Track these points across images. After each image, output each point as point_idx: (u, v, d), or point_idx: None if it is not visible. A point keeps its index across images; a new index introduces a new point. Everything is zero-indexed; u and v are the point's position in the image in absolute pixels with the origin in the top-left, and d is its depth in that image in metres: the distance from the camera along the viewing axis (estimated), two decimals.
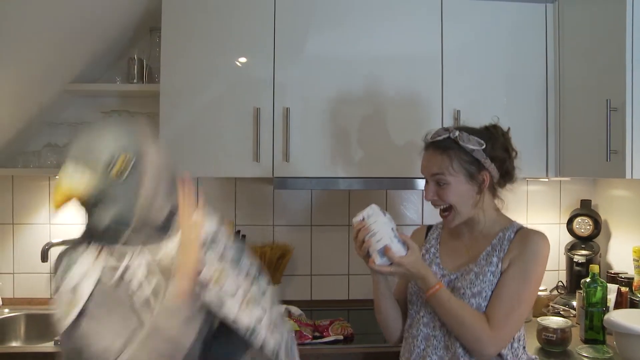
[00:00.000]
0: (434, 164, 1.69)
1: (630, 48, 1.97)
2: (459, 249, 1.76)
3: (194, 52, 2.34)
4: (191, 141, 2.35)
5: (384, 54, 2.38)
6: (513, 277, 1.60)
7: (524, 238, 1.66)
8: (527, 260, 1.61)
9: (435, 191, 1.69)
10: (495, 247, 1.67)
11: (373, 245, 1.56)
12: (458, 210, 1.68)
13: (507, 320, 1.57)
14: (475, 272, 1.65)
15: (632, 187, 2.62)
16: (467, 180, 1.67)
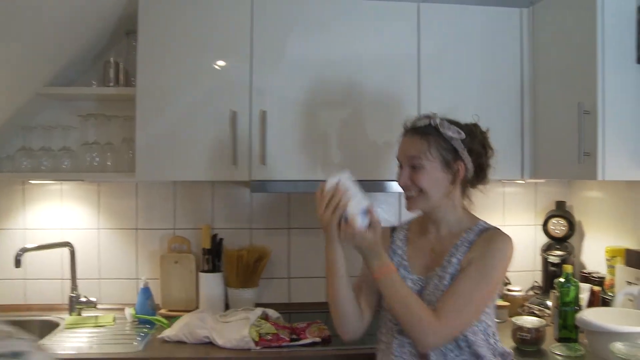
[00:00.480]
0: (412, 147, 1.70)
1: (601, 52, 2.00)
2: (425, 249, 1.76)
3: (170, 55, 2.33)
4: (168, 144, 2.34)
5: (361, 58, 2.39)
6: (469, 275, 1.60)
7: (487, 240, 1.66)
8: (487, 261, 1.61)
9: (409, 175, 1.70)
10: (458, 248, 1.68)
11: (354, 207, 1.56)
12: (429, 196, 1.68)
13: (454, 316, 1.57)
14: (440, 277, 1.66)
15: (605, 188, 2.66)
16: (443, 167, 1.69)
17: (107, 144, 2.61)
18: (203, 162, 2.33)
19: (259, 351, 2.12)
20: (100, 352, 2.11)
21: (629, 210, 2.48)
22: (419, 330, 1.56)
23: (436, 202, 1.70)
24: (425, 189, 1.67)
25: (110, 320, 2.47)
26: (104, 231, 2.75)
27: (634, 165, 2.03)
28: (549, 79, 2.39)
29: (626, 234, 2.48)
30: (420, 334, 1.56)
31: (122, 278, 2.75)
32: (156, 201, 2.77)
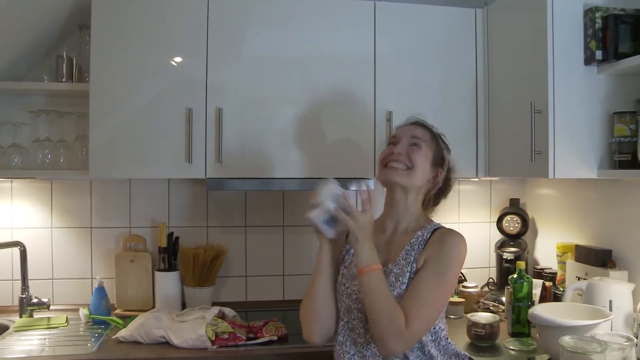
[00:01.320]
0: (417, 131, 1.80)
1: (551, 53, 2.04)
2: (379, 245, 1.76)
3: (125, 50, 2.29)
4: (123, 142, 2.30)
5: (318, 55, 2.39)
6: (427, 277, 1.62)
7: (441, 238, 1.69)
8: (442, 260, 1.64)
9: (406, 150, 1.76)
10: (413, 246, 1.70)
11: None
12: (415, 174, 1.74)
13: (419, 319, 1.57)
14: (395, 274, 1.67)
15: (556, 186, 2.73)
16: (432, 162, 1.79)
17: (59, 141, 2.54)
18: (158, 160, 2.30)
19: (215, 350, 2.10)
20: (53, 355, 2.05)
21: (578, 207, 2.55)
22: (390, 335, 1.55)
23: (414, 185, 1.76)
24: (416, 165, 1.74)
25: (63, 322, 2.41)
26: (57, 230, 2.68)
27: (583, 163, 2.08)
28: (502, 78, 2.43)
29: (576, 230, 2.54)
30: (389, 339, 1.55)
31: (76, 278, 2.69)
32: (111, 199, 2.72)
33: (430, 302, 1.59)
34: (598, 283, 2.04)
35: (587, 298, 2.06)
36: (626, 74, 2.05)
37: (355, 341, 1.70)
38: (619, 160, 2.01)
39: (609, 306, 1.97)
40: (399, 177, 1.74)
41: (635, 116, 1.97)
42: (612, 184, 2.30)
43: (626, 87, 2.08)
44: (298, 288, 2.74)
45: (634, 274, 2.18)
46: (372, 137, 2.42)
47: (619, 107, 2.05)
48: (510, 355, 2.08)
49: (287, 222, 2.82)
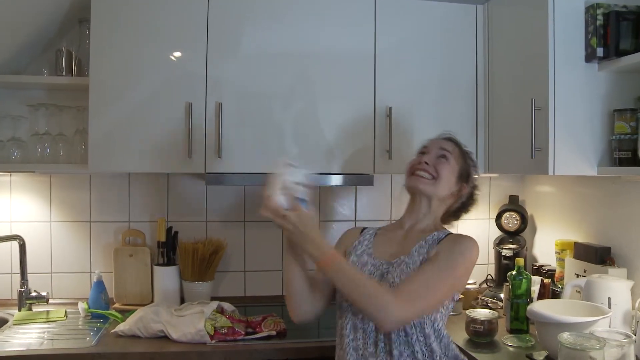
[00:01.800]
0: (448, 145, 1.88)
1: (552, 50, 2.04)
2: (394, 240, 1.83)
3: (124, 45, 2.28)
4: (122, 136, 2.30)
5: (318, 50, 2.39)
6: (434, 264, 1.65)
7: (455, 238, 1.74)
8: (453, 255, 1.68)
9: (434, 161, 1.83)
10: (428, 242, 1.74)
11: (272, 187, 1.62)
12: (439, 185, 1.81)
13: (413, 295, 1.59)
14: (407, 263, 1.70)
15: (555, 183, 2.73)
16: (458, 175, 1.85)
17: (59, 134, 2.54)
18: (158, 154, 2.29)
19: (214, 345, 2.11)
20: (52, 348, 2.06)
21: (578, 204, 2.55)
22: (378, 308, 1.55)
23: (440, 194, 1.82)
24: (442, 176, 1.81)
25: (62, 315, 2.41)
26: (56, 224, 2.68)
27: (583, 160, 2.08)
28: (502, 75, 2.43)
29: (575, 227, 2.55)
30: (380, 312, 1.55)
31: (75, 272, 2.69)
32: (110, 193, 2.72)
33: (427, 284, 1.61)
34: (597, 280, 2.04)
35: (585, 295, 2.06)
36: (627, 71, 2.04)
37: (356, 326, 1.72)
38: (619, 157, 2.00)
39: (608, 303, 1.97)
40: (423, 185, 1.81)
41: (635, 114, 1.97)
42: (612, 182, 2.30)
43: (627, 85, 2.07)
44: None
45: (632, 271, 2.18)
46: (371, 132, 2.42)
47: (619, 105, 2.05)
48: (509, 351, 2.08)
49: None
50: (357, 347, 1.69)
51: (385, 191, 2.90)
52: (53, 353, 2.01)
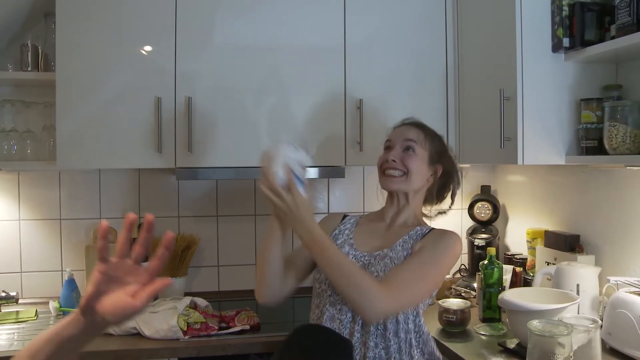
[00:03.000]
0: (411, 133, 1.85)
1: (520, 40, 2.05)
2: (376, 232, 1.83)
3: (91, 39, 2.25)
4: (91, 132, 2.27)
5: (289, 43, 2.38)
6: (419, 257, 1.67)
7: (440, 233, 1.76)
8: (439, 249, 1.70)
9: (400, 156, 1.81)
10: (412, 237, 1.75)
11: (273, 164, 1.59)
12: (411, 179, 1.80)
13: (399, 288, 1.59)
14: (390, 257, 1.70)
15: (525, 172, 2.76)
16: (428, 161, 1.84)
17: (26, 131, 2.50)
18: (127, 150, 2.27)
19: (187, 341, 2.09)
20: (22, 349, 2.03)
21: (548, 193, 2.58)
22: (363, 297, 1.54)
23: (414, 187, 1.82)
24: (412, 171, 1.80)
25: (33, 315, 2.38)
26: (25, 222, 2.64)
27: (552, 150, 2.10)
28: (472, 66, 2.44)
29: (546, 216, 2.58)
30: (365, 301, 1.54)
31: (45, 270, 2.65)
32: (80, 190, 2.68)
33: (413, 277, 1.63)
34: (566, 268, 2.07)
35: (555, 282, 2.09)
36: (592, 61, 2.07)
37: (333, 317, 1.71)
38: (585, 146, 2.03)
39: (577, 290, 2.01)
40: (397, 184, 1.81)
41: (601, 103, 1.99)
42: (580, 170, 2.34)
43: (593, 74, 2.10)
44: None
45: (600, 258, 2.22)
46: (342, 125, 2.42)
47: (585, 94, 2.07)
48: (481, 340, 2.10)
49: (259, 211, 2.82)
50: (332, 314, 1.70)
51: (357, 183, 2.91)
52: None
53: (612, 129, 1.87)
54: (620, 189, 2.16)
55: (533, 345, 1.57)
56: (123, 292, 0.99)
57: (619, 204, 2.16)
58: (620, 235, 2.16)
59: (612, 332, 1.84)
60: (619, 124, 1.86)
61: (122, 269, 1.01)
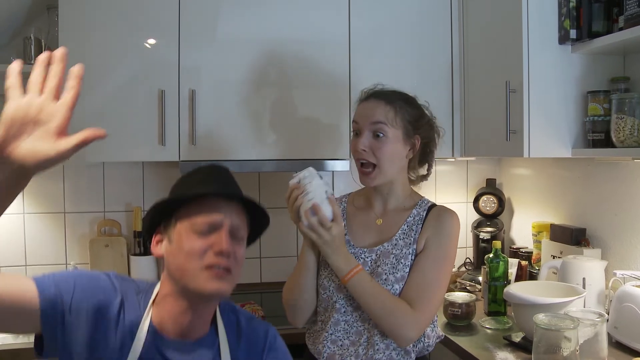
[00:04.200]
0: (377, 112, 1.62)
1: (526, 32, 2.04)
2: (369, 224, 1.72)
3: (94, 32, 2.24)
4: (94, 125, 2.16)
5: (293, 36, 2.37)
6: (431, 259, 1.61)
7: (438, 217, 1.66)
8: (443, 241, 1.63)
9: (370, 144, 1.62)
10: (411, 227, 1.66)
11: (304, 204, 1.54)
12: (384, 170, 1.63)
13: (429, 303, 1.57)
14: (396, 255, 1.63)
15: (531, 165, 2.74)
16: (404, 138, 1.64)
17: None
18: (131, 143, 2.27)
19: None
20: (27, 342, 2.04)
21: (553, 186, 2.57)
22: (398, 325, 1.53)
23: (391, 176, 1.66)
24: (383, 161, 1.62)
25: None
26: (29, 216, 2.64)
27: (558, 142, 2.09)
28: (478, 58, 2.43)
29: (551, 209, 2.57)
30: (401, 328, 1.53)
31: (50, 264, 2.65)
32: (84, 184, 2.68)
33: (435, 283, 1.59)
34: (572, 261, 2.06)
35: (561, 276, 2.08)
36: (600, 53, 2.06)
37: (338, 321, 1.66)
38: (592, 139, 2.02)
39: (583, 284, 2.00)
40: (373, 181, 1.65)
41: (608, 95, 1.98)
42: (586, 163, 2.32)
43: (600, 66, 2.09)
44: (275, 270, 2.74)
45: (606, 252, 2.21)
46: (347, 118, 2.40)
47: (592, 86, 2.06)
48: (487, 333, 2.10)
49: (263, 204, 2.80)
50: (335, 340, 1.64)
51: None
52: (29, 347, 1.98)
53: (620, 121, 1.86)
54: (627, 182, 2.14)
55: (539, 338, 1.56)
56: (42, 133, 0.87)
57: (626, 197, 2.15)
58: (627, 228, 2.15)
59: (619, 326, 1.83)
60: (626, 116, 1.84)
61: (34, 107, 0.87)
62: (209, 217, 1.23)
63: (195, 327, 1.27)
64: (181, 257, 1.22)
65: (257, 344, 1.35)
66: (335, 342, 1.64)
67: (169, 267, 1.25)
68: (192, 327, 1.27)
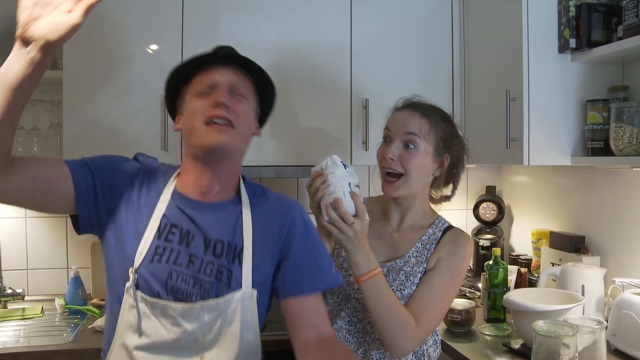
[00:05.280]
0: (412, 123, 1.60)
1: (526, 41, 2.06)
2: (384, 236, 1.70)
3: (98, 37, 2.26)
4: (97, 130, 2.27)
5: (294, 42, 2.38)
6: (440, 277, 1.59)
7: (454, 240, 1.64)
8: (455, 264, 1.61)
9: (399, 153, 1.60)
10: (425, 246, 1.64)
11: (325, 196, 1.48)
12: (410, 182, 1.60)
13: (432, 320, 1.57)
14: (406, 273, 1.61)
15: (531, 173, 2.76)
16: (434, 154, 1.61)
17: (33, 129, 2.51)
18: (133, 148, 2.25)
19: None
20: (28, 345, 2.04)
21: (553, 194, 2.58)
22: (399, 336, 1.51)
23: (417, 190, 1.63)
24: (411, 173, 1.59)
25: (39, 312, 2.39)
26: (31, 220, 2.65)
27: (558, 150, 2.10)
28: (478, 66, 2.45)
29: (551, 217, 2.58)
30: (400, 339, 1.52)
31: (51, 268, 2.66)
32: None
33: (439, 302, 1.59)
34: (571, 269, 2.07)
35: (560, 283, 2.09)
36: (599, 62, 2.07)
37: (341, 328, 1.66)
38: (591, 147, 2.03)
39: (582, 291, 2.01)
40: (396, 191, 1.62)
41: (607, 104, 1.99)
42: (586, 171, 2.34)
43: (599, 75, 2.10)
44: None
45: (605, 260, 2.22)
46: (348, 125, 2.42)
47: (592, 95, 2.08)
48: (486, 340, 2.10)
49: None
50: None
51: (362, 183, 2.89)
52: (29, 350, 1.99)
53: (619, 130, 1.87)
54: (626, 190, 2.15)
55: (538, 345, 1.57)
56: (57, 12, 1.03)
57: (625, 205, 2.16)
58: (626, 236, 2.16)
59: (617, 334, 1.84)
60: (625, 125, 1.86)
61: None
62: (207, 77, 1.38)
63: (214, 189, 1.38)
64: (188, 120, 1.36)
65: (280, 216, 1.42)
66: None
67: (184, 135, 1.39)
68: (212, 188, 1.38)
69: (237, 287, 1.33)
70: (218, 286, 1.33)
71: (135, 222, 1.34)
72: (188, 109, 1.36)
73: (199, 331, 1.31)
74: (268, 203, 1.45)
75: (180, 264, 1.33)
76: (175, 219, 1.35)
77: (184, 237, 1.35)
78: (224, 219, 1.38)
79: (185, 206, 1.37)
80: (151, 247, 1.32)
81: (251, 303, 1.35)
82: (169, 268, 1.32)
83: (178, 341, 1.31)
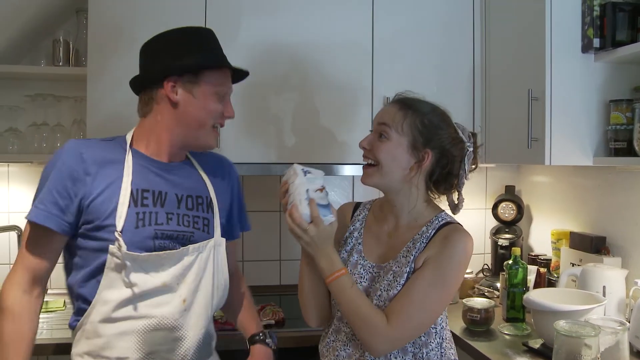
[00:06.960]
0: (387, 114, 1.60)
1: (549, 40, 2.05)
2: (381, 237, 1.67)
3: (121, 35, 2.27)
4: (120, 126, 2.26)
5: (315, 41, 2.39)
6: (424, 278, 1.51)
7: (445, 238, 1.55)
8: (443, 264, 1.51)
9: (371, 141, 1.60)
10: (415, 243, 1.57)
11: (288, 205, 1.53)
12: (383, 172, 1.56)
13: (407, 323, 1.49)
14: (394, 273, 1.56)
15: (551, 173, 2.74)
16: (409, 148, 1.56)
17: (56, 125, 2.54)
18: None
19: None
20: (51, 338, 2.08)
21: (574, 194, 2.56)
22: (369, 336, 1.49)
23: (392, 183, 1.58)
24: (382, 162, 1.55)
25: (61, 305, 2.43)
26: None
27: (579, 151, 2.09)
28: (499, 65, 2.44)
29: (571, 217, 2.56)
30: (371, 340, 1.49)
31: None
32: None
33: (421, 304, 1.49)
34: (592, 269, 2.06)
35: (581, 284, 2.08)
36: (623, 62, 2.06)
37: (339, 330, 1.64)
38: (614, 147, 2.02)
39: (603, 292, 2.00)
40: (370, 179, 1.60)
41: (631, 104, 1.98)
42: (608, 172, 2.32)
43: (623, 75, 2.09)
44: (295, 273, 2.67)
45: (627, 260, 2.20)
46: (369, 122, 2.41)
47: (615, 95, 2.06)
48: (505, 339, 2.10)
49: None
50: (335, 348, 1.62)
51: None
52: (52, 342, 2.03)
53: None
54: None
55: (559, 345, 1.56)
56: None
57: None
58: None
59: None
60: None
61: None
62: (226, 87, 1.66)
63: (178, 155, 1.68)
64: (203, 113, 1.61)
65: (222, 168, 1.81)
66: (333, 351, 1.62)
67: (184, 115, 1.60)
68: (176, 155, 1.67)
69: (213, 235, 1.66)
70: (196, 234, 1.61)
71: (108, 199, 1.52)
72: (207, 104, 1.61)
73: (180, 274, 1.55)
74: (208, 158, 1.78)
75: (161, 223, 1.56)
76: (144, 184, 1.57)
77: (157, 199, 1.58)
78: (187, 176, 1.68)
79: (151, 166, 1.61)
80: (131, 214, 1.52)
81: (221, 249, 1.69)
82: (153, 229, 1.55)
83: (164, 286, 1.53)
